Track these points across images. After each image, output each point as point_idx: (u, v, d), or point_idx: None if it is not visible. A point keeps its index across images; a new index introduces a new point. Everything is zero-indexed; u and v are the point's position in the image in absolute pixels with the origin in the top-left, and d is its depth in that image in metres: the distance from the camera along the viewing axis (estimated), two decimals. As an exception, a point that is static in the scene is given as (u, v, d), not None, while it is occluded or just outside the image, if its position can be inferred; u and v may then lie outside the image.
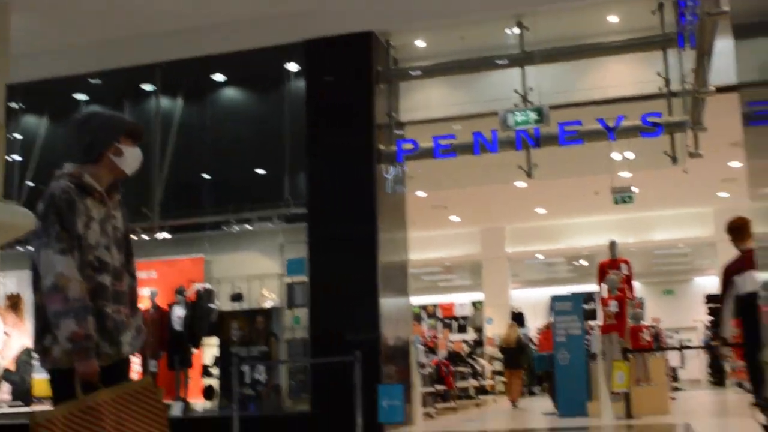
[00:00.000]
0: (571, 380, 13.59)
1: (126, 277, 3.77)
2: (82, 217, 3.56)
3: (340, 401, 11.06)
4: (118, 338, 3.62)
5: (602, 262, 14.42)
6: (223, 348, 13.52)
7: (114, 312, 3.62)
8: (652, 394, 13.53)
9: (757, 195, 4.35)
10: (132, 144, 3.78)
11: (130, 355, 3.74)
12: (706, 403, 17.28)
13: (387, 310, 12.54)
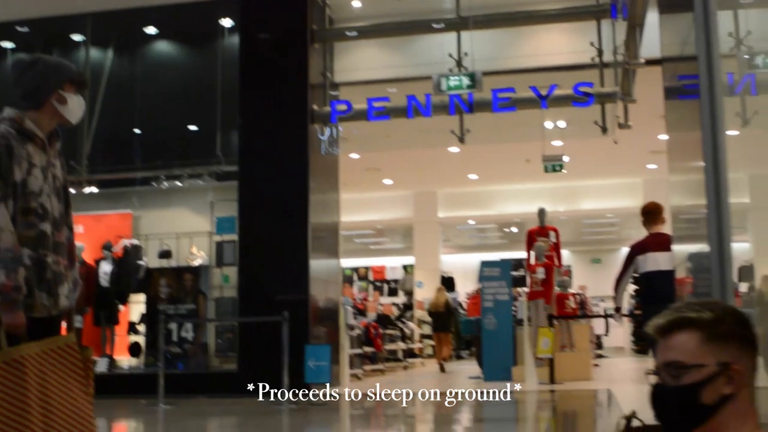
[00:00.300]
0: (497, 345, 13.83)
1: (64, 229, 3.67)
2: (22, 163, 3.44)
3: (267, 361, 11.13)
4: (56, 290, 3.53)
5: (531, 229, 14.62)
6: (150, 305, 13.45)
7: (53, 263, 3.53)
8: (575, 361, 13.83)
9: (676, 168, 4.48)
10: (75, 92, 3.69)
11: (66, 309, 3.64)
12: (628, 371, 17.75)
13: (317, 271, 12.59)
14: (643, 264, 7.94)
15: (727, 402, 1.88)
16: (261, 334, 11.64)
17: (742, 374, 1.89)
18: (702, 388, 1.88)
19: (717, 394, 1.88)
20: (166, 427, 8.49)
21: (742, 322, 1.96)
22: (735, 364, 1.88)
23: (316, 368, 10.66)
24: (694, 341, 1.90)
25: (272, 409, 9.87)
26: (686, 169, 3.71)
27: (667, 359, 1.93)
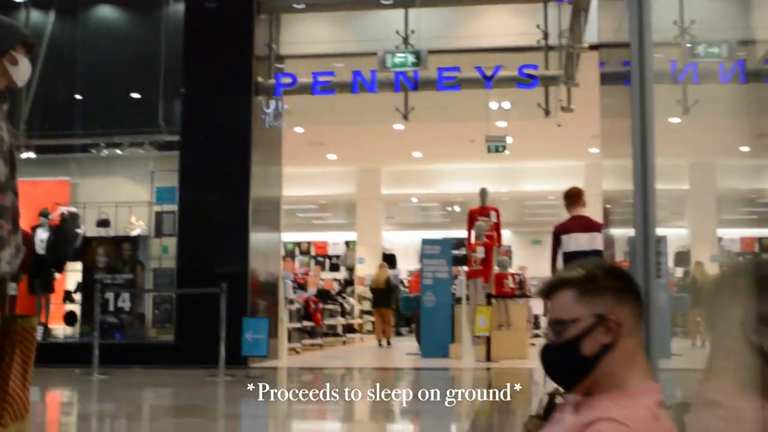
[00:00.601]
0: (436, 322, 13.96)
1: (9, 194, 3.53)
2: None
3: (204, 332, 11.13)
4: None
5: (472, 209, 14.74)
6: (87, 274, 13.30)
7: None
8: (512, 340, 14.00)
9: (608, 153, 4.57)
10: (25, 54, 3.62)
11: (7, 274, 3.51)
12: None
13: (257, 245, 12.57)
14: (566, 244, 8.42)
15: (608, 351, 1.98)
16: (199, 305, 11.61)
17: (621, 324, 1.98)
18: (581, 340, 1.98)
19: (597, 345, 1.97)
20: (100, 396, 8.45)
21: (615, 276, 2.07)
22: (611, 315, 1.98)
23: (254, 341, 10.67)
24: (570, 298, 2.01)
25: (208, 381, 9.87)
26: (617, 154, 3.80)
27: (550, 319, 2.05)
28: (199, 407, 7.75)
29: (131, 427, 6.68)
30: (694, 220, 22.37)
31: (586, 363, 1.99)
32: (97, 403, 7.80)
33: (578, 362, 2.00)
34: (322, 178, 24.24)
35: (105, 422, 6.68)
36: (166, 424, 6.81)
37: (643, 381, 2.00)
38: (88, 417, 7.14)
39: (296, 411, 7.75)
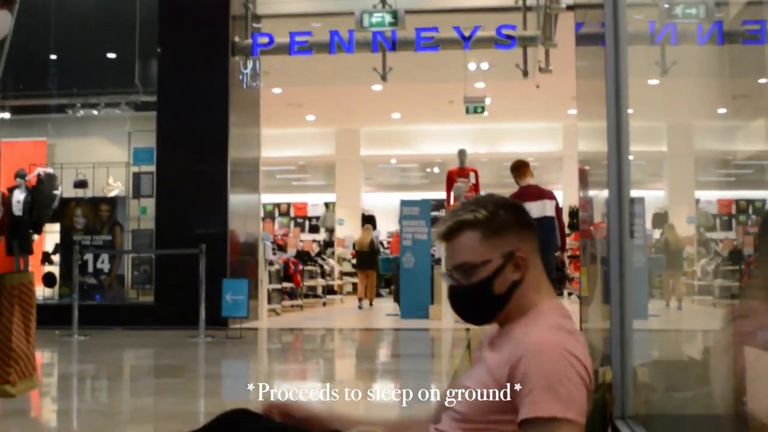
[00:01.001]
0: (415, 284, 14.03)
1: None
2: None
3: (184, 294, 11.18)
4: None
5: (451, 170, 14.77)
6: (65, 235, 13.28)
7: None
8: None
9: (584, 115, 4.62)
10: (2, 6, 3.56)
11: None
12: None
13: (236, 206, 12.57)
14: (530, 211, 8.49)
15: (517, 286, 2.03)
16: (178, 267, 11.64)
17: (526, 257, 2.03)
18: (493, 281, 2.01)
19: (507, 282, 2.02)
20: (81, 357, 8.49)
21: (515, 210, 2.11)
22: (518, 251, 2.02)
23: (234, 302, 10.71)
24: (475, 240, 2.02)
25: (188, 342, 9.92)
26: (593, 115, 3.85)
27: (456, 262, 2.05)
28: (180, 367, 7.81)
29: (112, 387, 6.73)
30: (672, 181, 22.51)
31: (499, 300, 2.03)
32: (78, 363, 7.85)
33: (491, 301, 2.03)
34: (301, 140, 24.17)
35: (86, 383, 6.73)
36: (148, 384, 6.86)
37: (549, 300, 2.07)
38: (68, 377, 7.18)
39: (277, 371, 7.83)
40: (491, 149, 23.95)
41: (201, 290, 10.34)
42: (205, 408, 5.45)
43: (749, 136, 6.38)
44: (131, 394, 6.42)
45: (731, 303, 9.14)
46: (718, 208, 22.68)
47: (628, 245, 2.90)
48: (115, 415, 5.20)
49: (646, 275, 13.13)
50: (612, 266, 2.88)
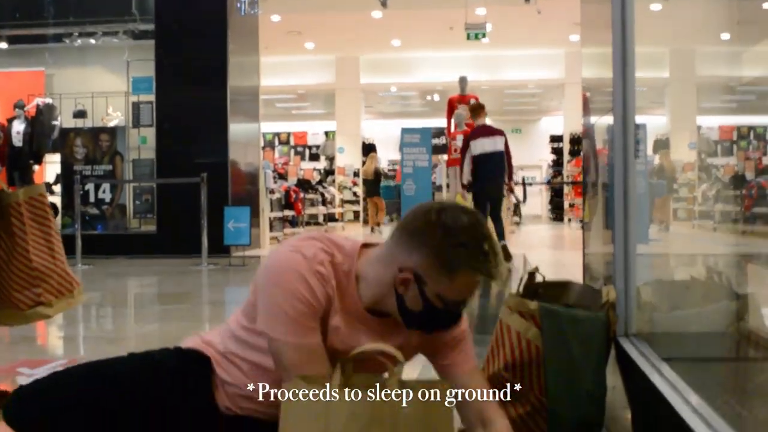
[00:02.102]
0: (416, 210, 14.06)
1: None
2: None
3: (186, 222, 11.22)
4: None
5: (452, 97, 14.69)
6: (65, 166, 13.26)
7: None
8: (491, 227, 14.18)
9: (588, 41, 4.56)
10: None
11: None
12: (544, 237, 18.35)
13: (236, 135, 12.54)
14: (473, 148, 10.35)
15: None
16: (180, 196, 11.66)
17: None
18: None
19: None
20: (85, 285, 8.52)
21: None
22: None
23: (236, 230, 10.76)
24: None
25: (191, 270, 10.00)
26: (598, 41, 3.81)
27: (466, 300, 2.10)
28: (184, 294, 7.89)
29: (118, 315, 6.80)
30: (674, 108, 22.39)
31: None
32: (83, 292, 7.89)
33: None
34: (301, 68, 23.94)
35: (91, 310, 6.79)
36: (153, 310, 6.94)
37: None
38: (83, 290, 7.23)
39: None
40: (492, 76, 23.79)
41: (203, 219, 10.39)
42: (210, 334, 5.51)
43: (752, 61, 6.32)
44: (137, 320, 6.49)
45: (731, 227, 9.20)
46: (719, 134, 22.62)
47: (632, 168, 2.90)
48: (121, 341, 5.26)
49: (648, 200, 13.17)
50: (616, 189, 2.89)
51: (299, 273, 1.98)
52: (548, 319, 2.46)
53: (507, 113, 28.27)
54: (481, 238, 1.96)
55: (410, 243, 1.99)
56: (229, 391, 2.16)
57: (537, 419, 2.47)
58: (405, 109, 27.68)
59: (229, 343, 2.19)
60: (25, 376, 4.05)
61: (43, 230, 3.36)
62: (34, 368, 4.20)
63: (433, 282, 1.97)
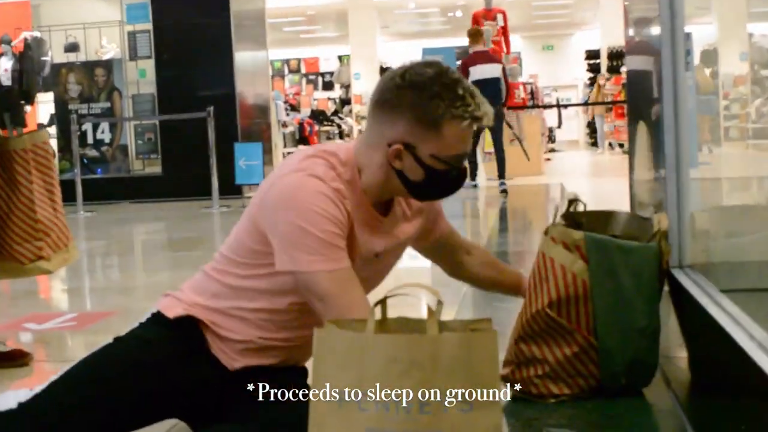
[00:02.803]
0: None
1: None
2: None
3: (193, 162, 11.27)
4: None
5: (476, 12, 14.55)
6: (59, 105, 13.29)
7: None
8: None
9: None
10: None
11: None
12: (582, 164, 18.30)
13: (243, 64, 12.49)
14: (472, 74, 11.09)
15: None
16: (185, 133, 11.68)
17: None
18: None
19: None
20: (88, 233, 8.63)
21: None
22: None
23: (247, 168, 10.79)
24: None
25: (201, 213, 10.06)
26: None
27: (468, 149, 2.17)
28: (196, 240, 7.94)
29: (125, 264, 6.87)
30: (722, 14, 22.02)
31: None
32: (86, 241, 7.97)
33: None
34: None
35: (96, 260, 6.86)
36: (163, 258, 6.99)
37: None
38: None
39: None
40: (520, -13, 23.47)
41: (211, 157, 10.40)
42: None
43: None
44: (145, 269, 6.56)
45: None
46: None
47: (683, 82, 2.88)
48: (130, 292, 5.33)
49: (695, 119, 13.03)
50: (665, 106, 2.87)
51: (322, 194, 2.00)
52: (596, 251, 2.41)
53: (537, 28, 27.96)
54: (452, 84, 2.01)
55: (389, 115, 2.04)
56: (237, 347, 2.16)
57: (585, 360, 2.45)
58: (425, 28, 27.42)
59: (227, 297, 2.17)
60: (31, 331, 4.11)
61: (46, 180, 3.38)
62: (42, 323, 4.27)
63: (423, 144, 2.03)
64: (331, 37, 26.75)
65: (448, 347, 1.73)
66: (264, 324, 2.14)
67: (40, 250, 3.31)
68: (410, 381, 1.72)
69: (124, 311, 4.51)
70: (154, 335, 2.18)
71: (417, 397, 1.72)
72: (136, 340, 2.19)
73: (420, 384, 1.72)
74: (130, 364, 2.13)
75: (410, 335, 1.76)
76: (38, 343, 3.90)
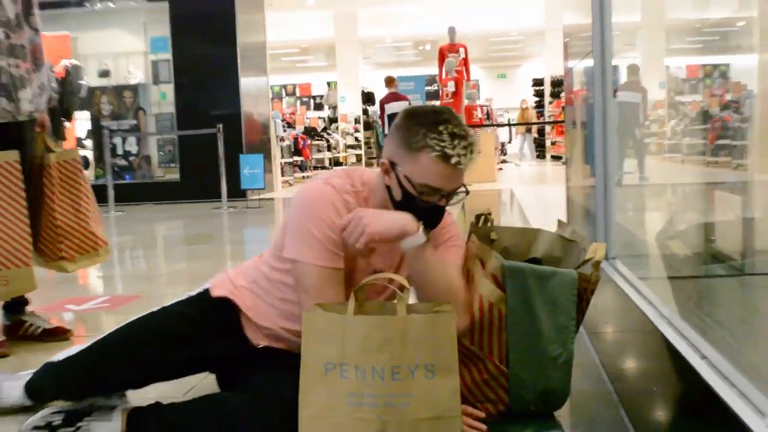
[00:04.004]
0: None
1: (26, 31, 3.23)
2: None
3: (206, 170, 11.22)
4: (16, 94, 3.14)
5: (442, 46, 14.57)
6: (94, 122, 13.22)
7: (11, 66, 3.11)
8: (482, 165, 14.10)
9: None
10: None
11: (34, 115, 3.29)
12: (527, 173, 18.33)
13: (247, 88, 12.47)
14: (387, 109, 13.00)
15: None
16: (199, 146, 11.64)
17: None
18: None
19: None
20: (119, 230, 8.59)
21: None
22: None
23: (251, 175, 10.77)
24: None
25: (212, 213, 10.03)
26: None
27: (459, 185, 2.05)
28: (208, 235, 7.92)
29: (150, 255, 6.85)
30: (645, 50, 22.14)
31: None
32: (117, 236, 7.94)
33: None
34: (302, 23, 23.64)
35: (126, 252, 6.83)
36: (180, 250, 6.98)
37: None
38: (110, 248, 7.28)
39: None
40: (478, 26, 23.48)
41: (221, 166, 10.38)
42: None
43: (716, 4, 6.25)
44: (166, 259, 6.54)
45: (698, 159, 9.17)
46: (686, 73, 22.39)
47: (611, 107, 2.91)
48: (154, 279, 5.32)
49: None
50: (596, 126, 2.90)
51: (329, 201, 1.99)
52: (512, 280, 2.04)
53: (492, 59, 28.00)
54: (439, 121, 1.92)
55: (390, 136, 1.99)
56: (263, 332, 2.17)
57: (495, 386, 2.11)
58: (400, 59, 27.40)
59: (263, 285, 2.18)
60: (71, 312, 4.10)
61: (72, 192, 3.33)
62: (80, 305, 4.25)
63: (403, 165, 1.94)
64: (321, 66, 26.67)
65: (415, 326, 1.75)
66: (289, 315, 2.13)
67: (60, 251, 3.27)
68: (383, 354, 1.74)
69: (149, 294, 4.50)
70: (196, 312, 2.19)
71: (389, 367, 1.73)
72: (179, 316, 2.19)
73: (392, 356, 1.74)
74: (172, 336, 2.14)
75: (383, 316, 1.77)
76: (77, 322, 3.89)
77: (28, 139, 3.28)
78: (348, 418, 1.74)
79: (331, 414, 1.76)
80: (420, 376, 1.73)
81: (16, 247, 3.02)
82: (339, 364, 1.76)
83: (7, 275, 2.99)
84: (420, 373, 1.73)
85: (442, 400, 1.73)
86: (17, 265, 3.01)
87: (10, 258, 3.01)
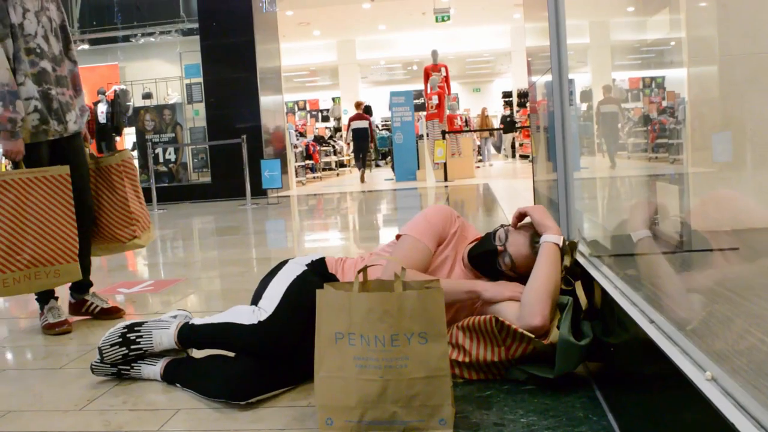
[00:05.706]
0: (405, 155, 14.02)
1: (67, 63, 3.22)
2: (17, 7, 2.94)
3: (233, 173, 11.19)
4: (64, 117, 3.13)
5: (426, 66, 14.53)
6: (139, 136, 13.18)
7: (59, 94, 3.11)
8: (462, 164, 14.14)
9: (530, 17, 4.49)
10: None
11: (78, 131, 3.27)
12: (500, 170, 18.29)
13: (266, 104, 12.43)
14: (352, 126, 14.17)
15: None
16: (226, 153, 11.61)
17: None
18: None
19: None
20: (161, 224, 8.57)
21: None
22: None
23: (270, 177, 10.73)
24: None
25: (239, 209, 10.01)
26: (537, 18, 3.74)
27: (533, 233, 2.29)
28: (236, 227, 7.90)
29: (186, 245, 6.82)
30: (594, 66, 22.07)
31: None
32: (160, 230, 7.92)
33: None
34: (310, 50, 23.60)
35: (167, 243, 6.81)
36: (213, 240, 6.95)
37: None
38: (154, 240, 7.26)
39: (307, 225, 7.93)
40: (456, 49, 23.44)
41: (245, 170, 10.35)
42: (256, 255, 5.54)
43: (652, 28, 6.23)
44: (201, 248, 6.51)
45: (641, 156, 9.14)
46: (629, 85, 22.34)
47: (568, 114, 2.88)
48: (191, 265, 5.29)
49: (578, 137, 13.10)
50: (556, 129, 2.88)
51: (448, 209, 2.27)
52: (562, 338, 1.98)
53: (468, 76, 27.92)
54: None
55: None
56: None
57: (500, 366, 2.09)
58: (392, 78, 27.33)
59: None
60: (123, 294, 4.08)
61: (133, 183, 3.45)
62: (130, 288, 4.23)
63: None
64: (327, 85, 26.60)
65: (410, 300, 1.73)
66: None
67: (134, 232, 3.38)
68: (384, 324, 1.72)
69: (187, 279, 4.48)
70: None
71: (389, 335, 1.72)
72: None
73: (390, 326, 1.72)
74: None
75: (383, 293, 1.76)
76: (128, 302, 3.87)
77: (76, 148, 3.28)
78: (355, 378, 1.73)
79: (341, 374, 1.75)
80: (415, 342, 1.72)
81: (66, 246, 3.02)
82: (347, 333, 1.74)
83: (59, 269, 3.00)
84: (415, 339, 1.72)
85: (434, 362, 1.72)
86: (67, 261, 3.01)
87: (62, 255, 3.01)
